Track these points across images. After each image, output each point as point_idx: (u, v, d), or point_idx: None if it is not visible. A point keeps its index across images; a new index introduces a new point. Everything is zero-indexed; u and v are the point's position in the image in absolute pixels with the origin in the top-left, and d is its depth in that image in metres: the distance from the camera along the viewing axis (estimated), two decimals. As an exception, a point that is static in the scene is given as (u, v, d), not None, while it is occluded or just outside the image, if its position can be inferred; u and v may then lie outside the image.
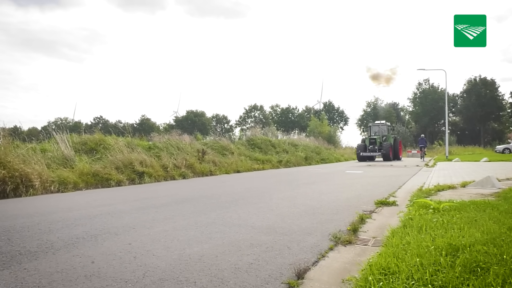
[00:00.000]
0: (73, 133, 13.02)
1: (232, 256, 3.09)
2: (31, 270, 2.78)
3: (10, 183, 7.79)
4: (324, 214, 5.11)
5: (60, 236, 3.85)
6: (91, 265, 2.87)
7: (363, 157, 28.03)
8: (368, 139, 29.26)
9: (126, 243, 3.55)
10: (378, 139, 28.74)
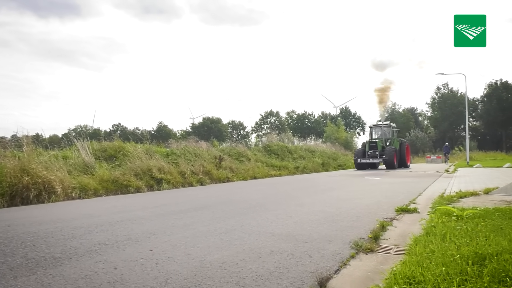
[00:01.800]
0: (93, 140, 13.27)
1: (253, 264, 3.08)
2: (56, 276, 2.83)
3: (33, 190, 7.97)
4: (343, 221, 5.06)
5: (83, 242, 3.91)
6: (114, 272, 2.91)
7: (362, 164, 23.85)
8: (368, 143, 24.64)
9: (147, 249, 3.58)
10: (380, 143, 24.42)
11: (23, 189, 7.85)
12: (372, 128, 27.27)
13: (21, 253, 3.47)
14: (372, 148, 24.27)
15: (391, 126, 26.45)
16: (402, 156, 24.99)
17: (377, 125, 27.37)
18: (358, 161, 23.69)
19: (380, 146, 24.24)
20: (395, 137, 26.18)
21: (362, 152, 24.31)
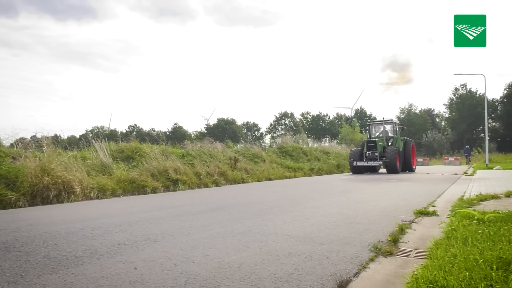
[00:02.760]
0: (110, 141, 13.47)
1: (271, 265, 3.08)
2: (78, 275, 2.87)
3: (53, 190, 8.14)
4: (361, 223, 5.01)
5: (103, 242, 3.97)
6: (134, 271, 2.94)
7: (359, 168, 20.33)
8: (365, 143, 20.97)
9: (166, 249, 3.61)
10: (381, 142, 20.96)
11: (43, 189, 8.02)
12: (371, 126, 23.78)
13: (44, 252, 3.54)
14: (370, 148, 20.59)
15: (393, 123, 22.87)
16: (406, 157, 21.67)
17: (377, 122, 23.90)
18: (354, 163, 20.22)
19: (381, 146, 20.83)
20: (399, 135, 22.62)
21: (359, 154, 20.86)
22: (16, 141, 10.62)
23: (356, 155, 20.69)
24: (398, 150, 20.29)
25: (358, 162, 20.15)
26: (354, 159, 20.40)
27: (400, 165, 20.37)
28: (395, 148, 20.30)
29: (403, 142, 21.94)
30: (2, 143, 9.95)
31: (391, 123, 22.88)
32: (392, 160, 19.46)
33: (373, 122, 24.34)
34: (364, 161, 20.25)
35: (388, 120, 22.85)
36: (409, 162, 21.68)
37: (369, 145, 20.65)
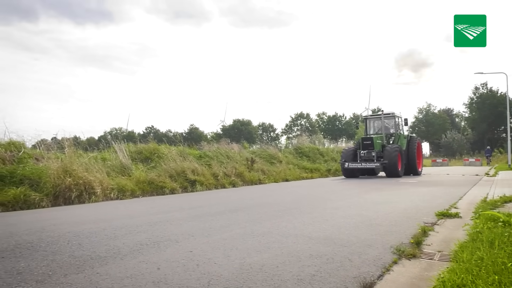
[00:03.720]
0: (128, 142, 13.66)
1: (293, 267, 3.07)
2: (103, 274, 2.92)
3: (75, 190, 8.30)
4: (382, 225, 4.95)
5: (125, 242, 4.03)
6: (157, 272, 2.97)
7: (351, 170, 17.17)
8: (361, 141, 17.96)
9: (187, 250, 3.64)
10: (379, 140, 17.84)
11: (65, 189, 8.18)
12: (369, 120, 20.15)
13: (69, 252, 3.62)
14: (366, 147, 17.34)
15: (395, 117, 19.04)
16: (410, 158, 18.41)
17: (375, 116, 20.36)
18: (346, 165, 16.91)
19: (379, 144, 17.69)
20: (402, 132, 19.43)
21: (352, 153, 17.71)
22: (37, 143, 10.86)
23: (349, 155, 17.58)
24: (400, 149, 17.04)
25: (351, 164, 16.92)
26: (346, 160, 17.23)
27: (403, 167, 17.28)
28: (396, 146, 17.07)
29: (407, 140, 19.00)
30: (25, 144, 10.17)
31: (392, 117, 19.16)
32: (392, 161, 16.29)
33: (370, 116, 20.78)
34: (358, 162, 17.15)
35: (388, 114, 19.15)
36: (414, 164, 18.45)
37: (364, 143, 17.41)
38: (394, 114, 19.06)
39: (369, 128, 19.89)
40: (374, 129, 19.74)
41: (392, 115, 19.13)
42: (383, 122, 18.80)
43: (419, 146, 20.23)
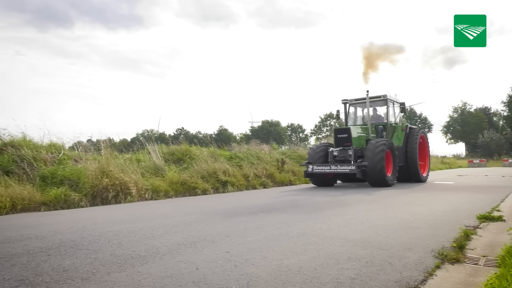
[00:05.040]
0: (160, 143, 13.93)
1: (332, 270, 3.03)
2: (144, 273, 2.98)
3: (111, 191, 8.55)
4: (420, 228, 4.81)
5: (163, 242, 4.10)
6: (197, 272, 3.01)
7: (318, 176, 12.39)
8: (334, 133, 12.81)
9: (224, 251, 3.67)
10: (360, 133, 12.97)
11: (103, 189, 8.44)
12: (352, 107, 14.67)
13: (110, 250, 3.72)
14: (341, 142, 12.25)
15: (387, 101, 13.93)
16: (410, 158, 13.67)
17: (359, 101, 14.28)
18: (309, 169, 12.09)
19: (361, 139, 12.77)
20: (398, 122, 14.72)
21: (322, 152, 12.75)
22: (75, 144, 11.27)
23: (317, 155, 12.61)
24: (388, 145, 12.04)
25: (316, 167, 11.93)
26: (312, 161, 12.41)
27: (395, 171, 12.44)
28: (382, 141, 11.91)
29: (405, 133, 14.03)
30: (65, 146, 10.58)
31: (382, 100, 14.01)
32: (374, 163, 11.24)
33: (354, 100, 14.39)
34: (328, 164, 12.04)
35: (377, 97, 13.87)
36: (414, 166, 13.62)
37: (338, 137, 12.27)
38: (386, 97, 13.80)
39: (354, 120, 14.83)
40: (362, 120, 14.82)
41: (384, 99, 13.85)
42: (369, 108, 13.59)
43: (424, 142, 15.23)
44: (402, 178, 13.71)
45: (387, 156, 12.02)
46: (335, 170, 11.82)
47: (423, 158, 14.90)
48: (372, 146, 11.73)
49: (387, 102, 14.07)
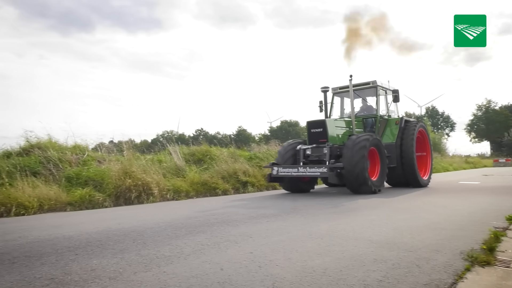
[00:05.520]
0: (180, 144, 14.08)
1: (358, 272, 2.98)
2: (170, 273, 3.01)
3: (134, 191, 8.68)
4: (446, 229, 4.69)
5: (187, 242, 4.13)
6: (221, 272, 3.02)
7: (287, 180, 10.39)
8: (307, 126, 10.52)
9: (247, 251, 3.67)
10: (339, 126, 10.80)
11: (126, 190, 8.59)
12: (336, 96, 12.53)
13: (135, 250, 3.77)
14: (315, 139, 10.14)
15: (377, 87, 11.68)
16: (405, 158, 11.15)
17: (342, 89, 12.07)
18: (274, 172, 9.93)
19: (342, 135, 10.54)
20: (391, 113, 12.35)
21: (292, 151, 10.49)
22: (97, 146, 11.50)
23: (288, 154, 10.45)
24: (373, 142, 9.70)
25: (283, 169, 9.76)
26: (281, 162, 10.37)
27: (383, 174, 10.16)
28: (363, 137, 9.56)
29: (399, 127, 11.52)
30: (88, 148, 10.81)
31: (372, 88, 11.78)
32: (353, 164, 8.97)
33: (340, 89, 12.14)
34: (295, 166, 9.70)
35: (364, 85, 11.82)
36: (411, 168, 11.10)
37: (312, 132, 10.18)
38: (376, 83, 11.60)
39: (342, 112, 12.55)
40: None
41: (373, 85, 11.65)
42: (352, 96, 10.79)
43: (424, 137, 12.62)
44: (398, 182, 11.62)
45: (372, 155, 9.85)
46: (303, 173, 9.40)
47: (423, 157, 12.52)
48: (351, 142, 9.39)
49: (377, 89, 11.68)
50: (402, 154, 11.27)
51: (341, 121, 11.19)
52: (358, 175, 8.97)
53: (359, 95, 12.17)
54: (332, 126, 10.32)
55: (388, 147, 10.90)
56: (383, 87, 12.08)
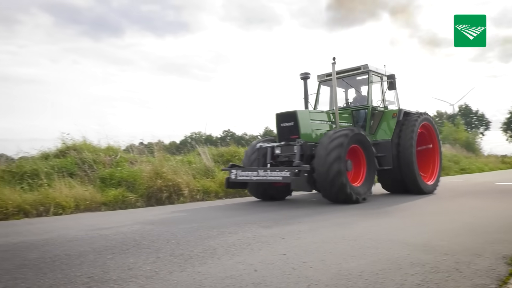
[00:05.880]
0: (208, 145, 14.22)
1: (395, 275, 2.91)
2: (204, 273, 3.04)
3: (165, 192, 8.84)
4: (488, 232, 4.51)
5: (219, 242, 4.16)
6: (255, 273, 3.01)
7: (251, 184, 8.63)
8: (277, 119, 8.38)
9: (280, 253, 3.65)
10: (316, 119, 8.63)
11: (157, 191, 8.76)
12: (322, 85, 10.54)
13: (169, 250, 3.83)
14: (285, 133, 8.30)
15: (369, 73, 9.57)
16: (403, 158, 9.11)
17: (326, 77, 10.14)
18: (232, 176, 8.27)
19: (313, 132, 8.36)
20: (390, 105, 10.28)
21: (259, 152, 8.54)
22: (128, 147, 11.78)
23: (255, 154, 8.63)
24: (353, 138, 7.72)
25: (241, 173, 8.13)
26: (247, 163, 8.72)
27: (369, 178, 8.16)
28: (341, 132, 7.62)
29: (399, 122, 9.49)
30: (121, 149, 11.10)
31: (362, 73, 9.76)
32: (327, 166, 7.14)
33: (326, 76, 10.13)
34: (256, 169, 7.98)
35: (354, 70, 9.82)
36: (410, 170, 9.05)
37: (282, 127, 8.37)
38: (368, 68, 9.54)
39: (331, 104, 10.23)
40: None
41: (364, 70, 9.62)
42: (335, 83, 8.81)
43: (431, 133, 10.33)
44: (395, 188, 9.77)
45: (355, 155, 8.00)
46: (263, 177, 7.61)
47: (427, 158, 10.26)
48: (326, 139, 7.44)
49: (369, 75, 9.56)
50: (399, 154, 9.19)
51: (321, 113, 9.17)
52: (334, 180, 7.08)
53: (350, 84, 10.31)
54: (305, 119, 8.27)
55: (382, 145, 9.18)
56: (377, 72, 9.87)
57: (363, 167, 8.18)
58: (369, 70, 9.58)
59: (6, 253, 3.92)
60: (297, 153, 7.66)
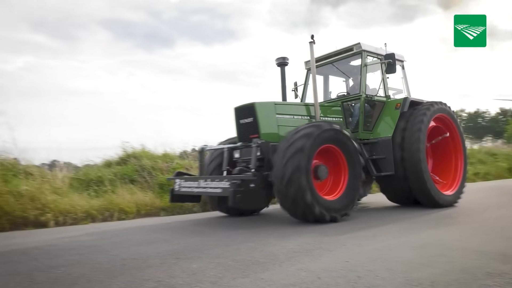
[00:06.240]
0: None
1: (470, 286, 2.72)
2: (267, 280, 3.02)
3: (220, 197, 8.96)
4: None
5: (279, 248, 4.13)
6: (319, 281, 2.95)
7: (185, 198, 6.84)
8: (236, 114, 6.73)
9: (342, 260, 3.55)
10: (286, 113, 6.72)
11: (212, 196, 8.90)
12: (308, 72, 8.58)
13: (230, 256, 3.87)
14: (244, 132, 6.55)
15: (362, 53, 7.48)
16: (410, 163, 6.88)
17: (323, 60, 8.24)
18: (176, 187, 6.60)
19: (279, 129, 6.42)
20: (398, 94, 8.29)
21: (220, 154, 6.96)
22: (181, 154, 12.11)
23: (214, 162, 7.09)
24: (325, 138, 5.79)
25: (184, 183, 6.48)
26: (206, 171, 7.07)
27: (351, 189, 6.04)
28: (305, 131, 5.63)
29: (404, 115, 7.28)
30: (177, 156, 11.45)
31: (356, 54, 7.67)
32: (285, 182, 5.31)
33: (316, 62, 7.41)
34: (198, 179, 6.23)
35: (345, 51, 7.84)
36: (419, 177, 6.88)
37: (240, 124, 6.68)
38: (361, 47, 7.56)
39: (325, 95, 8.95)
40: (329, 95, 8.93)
41: (357, 51, 7.62)
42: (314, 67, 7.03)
43: (450, 128, 7.91)
44: (403, 199, 7.76)
45: (333, 159, 6.20)
46: (203, 188, 6.01)
47: (446, 157, 8.01)
48: (284, 142, 5.64)
49: (362, 56, 7.56)
50: (403, 156, 7.01)
51: (295, 106, 7.31)
52: (295, 199, 5.38)
53: (342, 70, 8.39)
54: (268, 114, 6.47)
55: (381, 145, 7.20)
56: (374, 52, 7.78)
57: (343, 174, 6.13)
58: (362, 50, 7.54)
59: (81, 256, 4.16)
60: (253, 157, 5.78)
